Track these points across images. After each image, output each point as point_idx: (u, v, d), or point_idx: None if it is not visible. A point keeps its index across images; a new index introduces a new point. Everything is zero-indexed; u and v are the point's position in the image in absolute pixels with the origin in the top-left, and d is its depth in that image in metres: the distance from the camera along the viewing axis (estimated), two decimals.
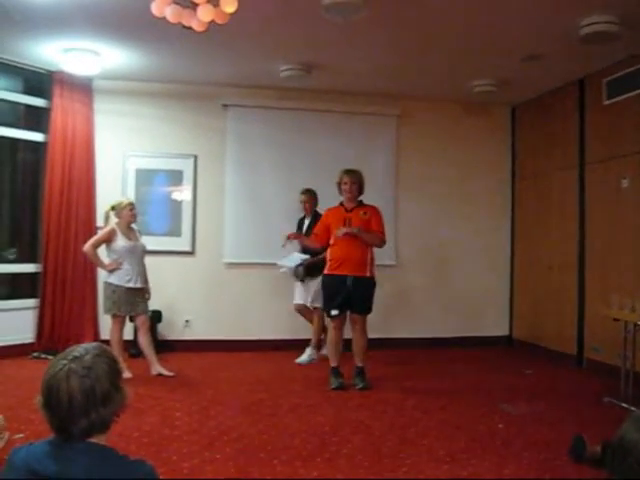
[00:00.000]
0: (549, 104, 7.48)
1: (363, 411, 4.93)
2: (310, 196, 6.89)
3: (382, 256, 6.26)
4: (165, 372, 5.95)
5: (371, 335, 5.89)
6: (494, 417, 4.74)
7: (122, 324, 6.03)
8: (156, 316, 6.90)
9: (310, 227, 6.55)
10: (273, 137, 7.63)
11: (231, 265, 7.35)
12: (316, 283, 6.42)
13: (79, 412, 1.62)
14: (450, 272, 8.02)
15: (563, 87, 7.11)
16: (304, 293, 6.79)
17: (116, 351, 5.64)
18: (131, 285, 5.92)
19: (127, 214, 6.01)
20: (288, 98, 7.58)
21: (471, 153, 8.10)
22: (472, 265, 8.05)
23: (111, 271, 5.90)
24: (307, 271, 6.63)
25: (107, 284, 5.95)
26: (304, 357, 6.74)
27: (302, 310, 6.92)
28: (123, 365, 5.62)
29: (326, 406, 5.06)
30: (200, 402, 5.09)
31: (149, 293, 6.15)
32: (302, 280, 6.70)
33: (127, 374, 5.60)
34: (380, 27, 5.51)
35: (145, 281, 6.09)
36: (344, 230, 5.62)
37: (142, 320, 6.04)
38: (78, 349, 1.73)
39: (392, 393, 5.53)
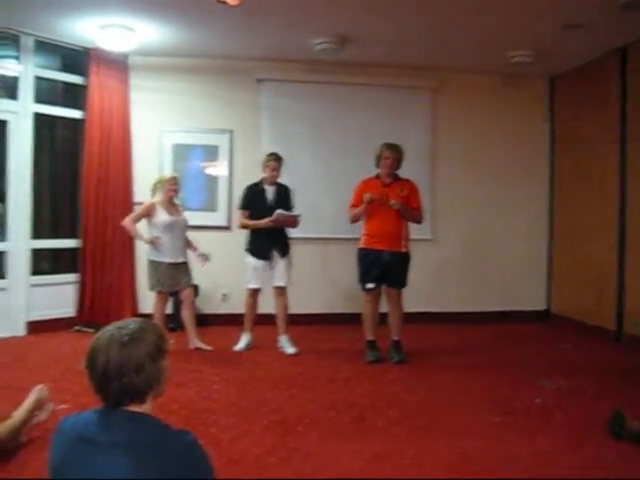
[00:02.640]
0: (589, 74, 7.29)
1: (399, 385, 4.95)
2: (280, 163, 6.12)
3: (418, 230, 6.21)
4: (204, 346, 6.01)
5: (407, 309, 5.90)
6: (531, 392, 4.72)
7: (165, 300, 6.11)
8: (193, 290, 6.97)
9: (276, 199, 6.06)
10: (307, 111, 7.59)
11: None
12: (287, 261, 6.10)
13: (112, 376, 1.71)
14: (487, 246, 7.94)
15: (603, 56, 6.90)
16: (265, 273, 6.08)
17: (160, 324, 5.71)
18: (172, 260, 5.94)
19: (168, 189, 6.01)
20: (322, 71, 7.52)
21: (509, 125, 7.95)
22: (509, 239, 7.95)
23: (150, 245, 5.93)
24: (283, 248, 6.10)
25: (150, 261, 6.00)
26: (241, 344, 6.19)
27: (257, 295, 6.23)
28: (171, 341, 5.72)
29: (362, 379, 5.09)
30: (238, 375, 5.16)
31: (206, 256, 6.14)
32: (268, 258, 6.04)
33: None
34: None
35: (185, 255, 6.11)
36: (368, 196, 5.61)
37: (185, 294, 6.08)
38: (127, 321, 1.85)
39: (428, 367, 5.54)
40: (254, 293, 6.14)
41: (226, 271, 7.25)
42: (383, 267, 5.65)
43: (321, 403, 4.42)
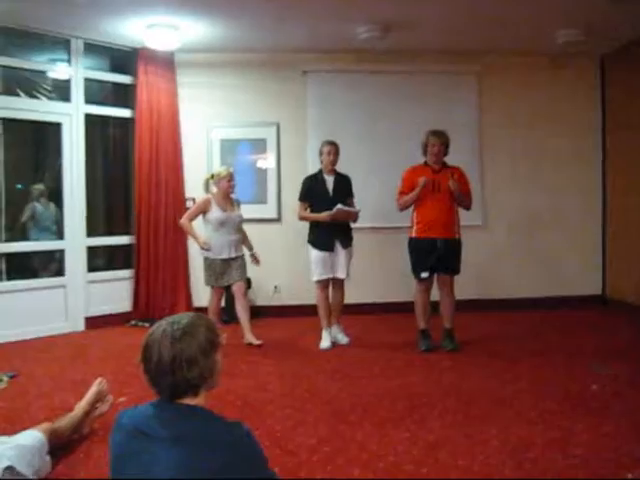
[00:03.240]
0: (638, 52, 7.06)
1: (452, 373, 4.92)
2: (337, 148, 5.98)
3: (468, 216, 6.14)
4: (255, 341, 5.92)
5: (458, 297, 5.85)
6: (587, 378, 4.63)
7: (220, 295, 6.14)
8: (245, 284, 7.04)
9: (336, 188, 5.97)
10: (353, 101, 7.58)
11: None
12: (348, 253, 6.00)
13: (165, 370, 1.76)
14: (539, 232, 7.79)
15: None
16: (330, 264, 5.93)
17: (214, 319, 5.75)
18: (224, 256, 5.93)
19: (225, 185, 5.97)
20: (366, 61, 7.49)
21: (558, 108, 7.77)
22: (562, 224, 7.79)
23: (202, 249, 5.95)
24: (345, 239, 5.98)
25: (204, 258, 6.03)
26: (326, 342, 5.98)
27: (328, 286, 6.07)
28: (224, 335, 5.81)
29: (415, 368, 5.08)
30: (291, 366, 5.21)
31: (257, 257, 6.19)
32: (332, 249, 5.90)
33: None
34: None
35: (240, 249, 6.08)
36: (424, 179, 5.57)
37: (238, 286, 6.04)
38: (180, 316, 1.89)
39: (482, 355, 5.49)
40: (323, 285, 5.99)
41: (277, 263, 7.31)
42: (437, 255, 5.61)
43: (374, 392, 4.43)
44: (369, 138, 7.51)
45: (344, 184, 6.02)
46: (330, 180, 5.97)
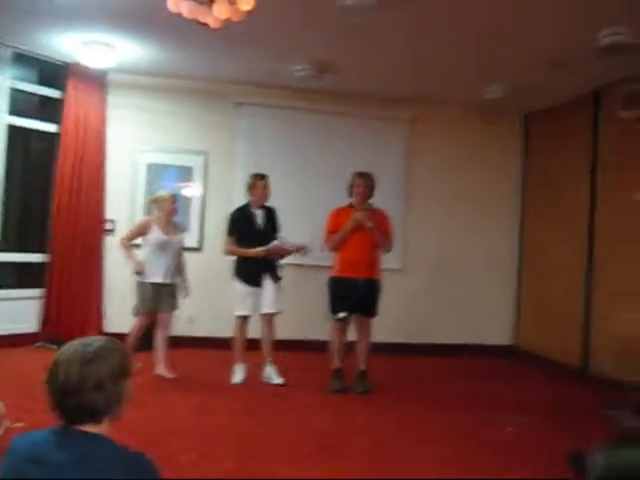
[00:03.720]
0: (563, 113, 7.45)
1: (364, 414, 4.94)
2: (269, 182, 5.93)
3: (389, 260, 6.23)
4: (167, 374, 5.78)
5: (375, 339, 5.89)
6: (493, 427, 4.71)
7: (147, 321, 5.87)
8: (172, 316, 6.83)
9: (266, 222, 5.91)
10: (284, 136, 7.63)
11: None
12: (277, 287, 5.89)
13: (71, 391, 1.68)
14: (456, 279, 7.99)
15: (578, 97, 7.06)
16: (256, 300, 5.81)
17: (130, 346, 5.53)
18: (157, 280, 5.75)
19: (168, 207, 5.87)
20: (300, 98, 7.58)
21: (482, 160, 8.07)
22: (479, 272, 8.02)
23: (136, 274, 5.76)
24: (274, 274, 5.88)
25: (137, 282, 5.83)
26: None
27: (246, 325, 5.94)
28: (136, 364, 5.60)
29: (327, 409, 5.06)
30: (200, 399, 5.11)
31: (187, 289, 6.03)
32: (259, 284, 5.78)
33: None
34: (394, 28, 5.48)
35: (175, 277, 5.91)
36: (360, 215, 5.62)
37: (165, 316, 5.90)
38: (93, 338, 1.83)
39: (394, 398, 5.53)
40: (244, 321, 5.86)
41: (193, 293, 7.18)
42: (357, 295, 5.63)
43: (284, 430, 4.39)
44: (298, 175, 7.55)
45: (272, 217, 5.97)
46: (259, 214, 5.90)
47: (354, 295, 5.63)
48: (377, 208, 5.87)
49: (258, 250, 5.68)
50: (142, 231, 5.88)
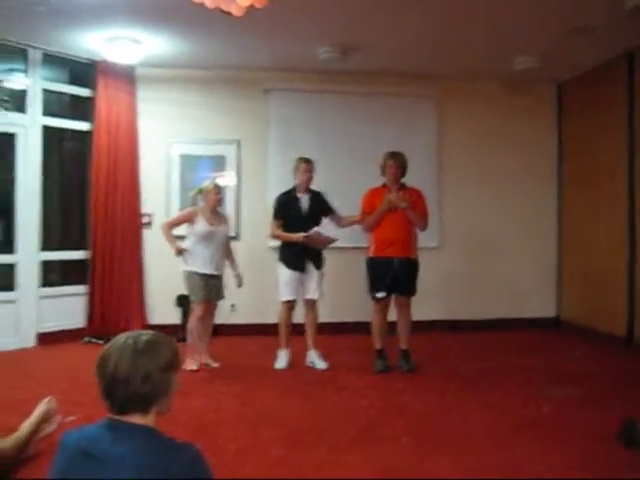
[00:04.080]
0: (596, 79, 7.27)
1: (407, 394, 4.92)
2: (313, 166, 5.94)
3: (425, 238, 6.19)
4: (212, 363, 5.83)
5: (415, 318, 5.87)
6: (539, 400, 4.67)
7: (202, 311, 5.76)
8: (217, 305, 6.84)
9: (311, 207, 5.90)
10: (314, 120, 7.61)
11: (276, 249, 7.31)
12: (320, 274, 5.90)
13: (120, 381, 1.73)
14: (495, 254, 7.91)
15: (610, 61, 6.88)
16: (300, 285, 5.84)
17: (194, 337, 5.70)
18: (205, 271, 5.71)
19: (212, 197, 5.80)
20: (328, 81, 7.54)
21: (515, 133, 7.93)
22: (518, 247, 7.92)
23: (178, 254, 5.70)
24: (317, 260, 5.89)
25: (183, 271, 5.81)
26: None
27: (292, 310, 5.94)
28: (197, 357, 5.71)
29: (370, 389, 5.07)
30: (246, 386, 5.15)
31: (240, 278, 5.96)
32: (303, 269, 5.81)
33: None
34: (418, 5, 5.42)
35: (221, 267, 5.88)
36: (394, 195, 5.60)
37: (210, 307, 5.91)
38: (143, 332, 1.86)
39: (437, 376, 5.50)
40: (289, 306, 5.86)
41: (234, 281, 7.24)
42: (394, 275, 5.62)
43: (329, 414, 4.41)
44: (329, 157, 7.50)
45: (319, 202, 5.94)
46: (304, 199, 5.89)
47: (391, 275, 5.62)
48: (411, 187, 5.82)
49: (298, 236, 5.68)
50: (187, 219, 5.82)
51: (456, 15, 5.70)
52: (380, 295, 5.68)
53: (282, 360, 5.82)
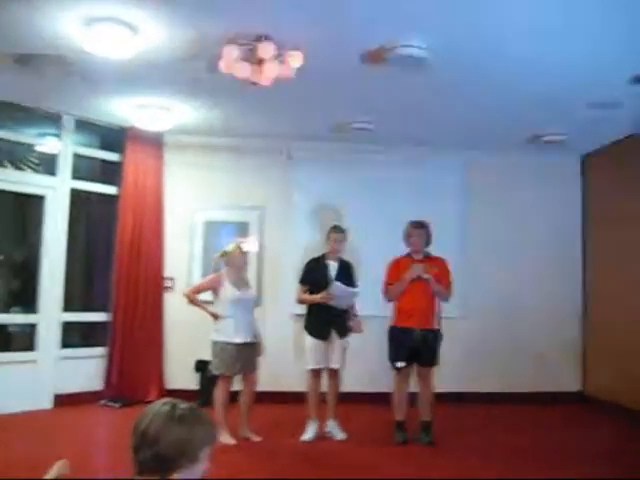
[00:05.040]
0: (621, 153, 7.29)
1: (427, 468, 4.78)
2: (345, 235, 5.95)
3: (448, 308, 6.12)
4: (253, 437, 5.53)
5: (437, 389, 5.75)
6: None
7: (229, 384, 5.54)
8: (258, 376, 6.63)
9: (339, 275, 5.82)
10: (338, 189, 7.68)
11: (299, 317, 7.22)
12: (345, 342, 5.81)
13: (148, 441, 1.72)
14: (520, 325, 7.77)
15: (635, 134, 6.92)
16: (325, 353, 5.72)
17: (219, 414, 5.36)
18: (240, 340, 5.44)
19: (239, 260, 5.63)
20: (353, 150, 7.65)
21: (541, 203, 7.95)
22: (543, 317, 7.79)
23: (215, 319, 5.49)
24: (341, 329, 5.79)
25: (214, 342, 5.49)
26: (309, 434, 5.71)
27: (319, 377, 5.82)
28: (225, 431, 5.30)
29: (391, 463, 4.94)
30: (266, 455, 5.07)
31: (262, 347, 5.70)
32: (326, 338, 5.71)
33: (230, 440, 5.33)
34: (446, 78, 5.51)
35: (255, 335, 5.63)
36: (419, 267, 5.57)
37: (251, 379, 5.60)
38: (186, 404, 1.84)
39: (458, 450, 5.36)
40: (316, 374, 5.74)
41: None
42: (415, 345, 5.56)
43: None
44: (354, 226, 7.50)
45: (347, 271, 5.91)
46: (333, 266, 5.86)
47: (410, 345, 5.56)
48: (436, 256, 5.81)
49: (321, 295, 5.62)
50: (212, 285, 5.60)
51: (484, 87, 5.75)
52: (400, 365, 5.60)
53: (310, 432, 5.67)
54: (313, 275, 5.84)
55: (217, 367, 5.49)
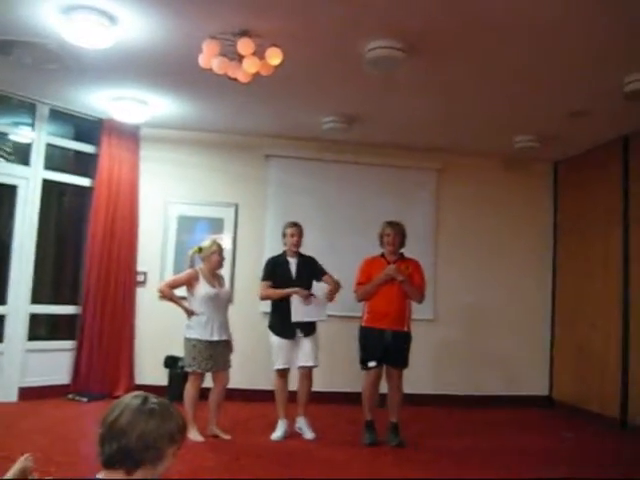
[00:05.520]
0: (592, 160, 7.41)
1: (396, 469, 4.80)
2: (301, 230, 5.90)
3: (420, 310, 6.15)
4: (222, 434, 5.48)
5: (407, 390, 5.77)
6: None
7: (200, 381, 5.49)
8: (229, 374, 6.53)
9: (300, 271, 5.83)
10: (314, 188, 7.69)
11: (266, 314, 7.22)
12: (313, 340, 5.77)
13: (115, 433, 1.72)
14: (489, 329, 7.86)
15: (607, 143, 7.03)
16: (291, 353, 5.72)
17: (189, 410, 5.30)
18: (214, 338, 5.41)
19: (215, 258, 5.56)
20: (329, 150, 7.66)
21: (512, 209, 8.04)
22: (512, 322, 7.88)
23: (189, 315, 5.42)
24: (306, 327, 5.73)
25: (187, 339, 5.43)
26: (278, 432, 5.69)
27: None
28: (193, 428, 5.27)
29: (358, 463, 4.95)
30: (232, 452, 5.03)
31: (231, 345, 5.66)
32: (292, 337, 5.69)
33: (198, 437, 5.29)
34: (422, 81, 5.57)
35: (227, 332, 5.58)
36: (393, 268, 5.57)
37: (221, 377, 5.55)
38: (158, 398, 1.84)
39: (427, 451, 5.38)
40: (282, 374, 5.72)
41: None
42: (385, 346, 5.56)
43: None
44: (327, 225, 7.57)
45: (309, 266, 5.90)
46: (293, 262, 5.86)
47: (382, 346, 5.56)
48: (410, 258, 5.83)
49: (291, 290, 5.62)
50: (187, 281, 5.50)
51: (459, 94, 5.86)
52: (371, 364, 5.60)
53: (279, 431, 5.64)
54: (274, 272, 5.83)
55: (189, 364, 5.45)
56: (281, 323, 5.72)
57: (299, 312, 5.64)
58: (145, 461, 1.73)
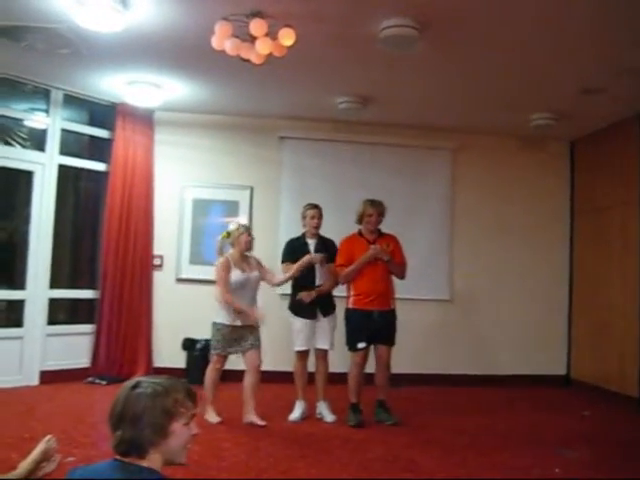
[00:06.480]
0: (609, 138, 7.31)
1: (415, 450, 4.80)
2: (320, 212, 5.87)
3: (436, 291, 6.13)
4: (258, 421, 5.32)
5: (420, 371, 5.73)
6: (549, 461, 4.54)
7: (221, 364, 5.47)
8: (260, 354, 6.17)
9: (319, 252, 5.73)
10: (328, 169, 7.67)
11: (285, 296, 7.23)
12: (331, 322, 5.77)
13: (113, 422, 1.76)
14: (506, 308, 7.82)
15: (623, 121, 6.93)
16: (312, 334, 5.70)
17: (208, 392, 5.39)
18: (238, 323, 5.35)
19: (244, 239, 5.44)
20: (344, 131, 7.63)
21: (528, 188, 7.96)
22: (529, 302, 7.84)
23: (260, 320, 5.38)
24: (326, 307, 5.77)
25: (213, 323, 5.42)
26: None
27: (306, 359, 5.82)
28: (211, 409, 5.39)
29: (376, 442, 4.97)
30: (250, 434, 5.06)
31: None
32: (313, 317, 5.69)
33: (215, 418, 5.36)
34: (436, 60, 5.52)
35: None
36: (378, 248, 5.54)
37: (252, 355, 5.40)
38: (151, 377, 1.86)
39: (444, 431, 5.37)
40: (303, 356, 5.73)
41: None
42: (375, 326, 5.53)
43: (334, 464, 4.31)
44: (342, 207, 7.51)
45: (328, 248, 5.83)
46: (312, 244, 5.83)
47: (371, 327, 5.53)
48: (388, 233, 5.79)
49: (306, 258, 5.54)
50: (227, 272, 5.36)
51: (473, 72, 5.79)
52: (361, 346, 5.56)
53: (297, 412, 5.67)
54: (294, 254, 5.78)
55: (213, 347, 5.48)
56: (302, 304, 5.70)
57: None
58: (148, 443, 1.74)
